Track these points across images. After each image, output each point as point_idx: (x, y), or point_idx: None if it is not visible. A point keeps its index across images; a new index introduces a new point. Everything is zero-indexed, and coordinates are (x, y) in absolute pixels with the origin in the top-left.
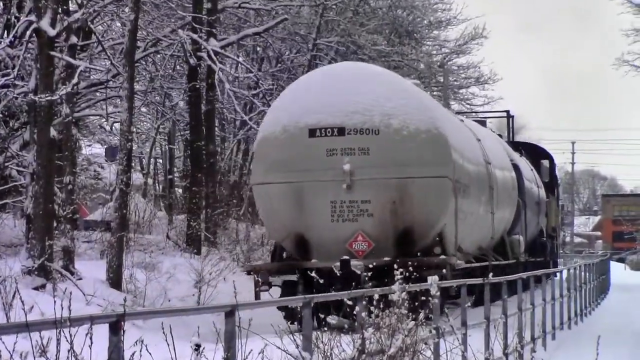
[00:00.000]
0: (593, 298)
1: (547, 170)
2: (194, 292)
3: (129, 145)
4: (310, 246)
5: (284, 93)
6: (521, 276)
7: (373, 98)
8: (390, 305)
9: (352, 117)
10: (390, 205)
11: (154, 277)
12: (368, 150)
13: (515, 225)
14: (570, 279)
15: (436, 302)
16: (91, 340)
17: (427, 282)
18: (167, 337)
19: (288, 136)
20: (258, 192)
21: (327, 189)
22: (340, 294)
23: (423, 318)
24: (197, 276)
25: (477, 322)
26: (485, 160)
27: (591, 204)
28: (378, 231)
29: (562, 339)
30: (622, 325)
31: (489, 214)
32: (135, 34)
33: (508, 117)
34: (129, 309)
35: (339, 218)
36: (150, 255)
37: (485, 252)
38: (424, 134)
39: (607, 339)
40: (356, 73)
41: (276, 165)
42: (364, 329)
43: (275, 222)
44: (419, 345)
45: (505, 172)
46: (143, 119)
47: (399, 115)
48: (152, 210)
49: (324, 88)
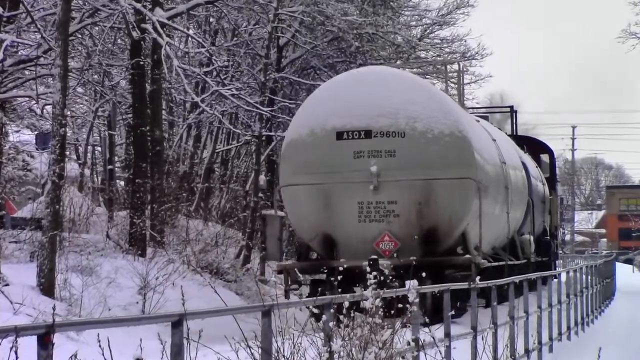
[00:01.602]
0: (596, 305)
1: (547, 166)
2: (137, 299)
3: (63, 131)
4: (338, 246)
5: (309, 98)
6: (514, 280)
7: (398, 102)
8: (386, 311)
9: (378, 120)
10: (416, 206)
11: (91, 283)
12: (394, 153)
13: (524, 225)
14: (570, 283)
15: (415, 310)
16: (16, 355)
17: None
18: (105, 352)
19: (315, 139)
20: (286, 194)
21: (354, 190)
22: (304, 300)
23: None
24: (141, 281)
25: (464, 332)
26: (500, 160)
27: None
28: (404, 231)
29: (561, 351)
30: (628, 336)
31: (504, 213)
32: (70, 3)
33: (512, 112)
34: (61, 318)
35: (366, 218)
36: (87, 257)
37: (498, 251)
38: (448, 137)
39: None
40: (382, 77)
41: (304, 167)
42: (331, 341)
43: (303, 223)
44: (395, 359)
45: (517, 172)
46: (79, 101)
47: (424, 118)
48: (90, 205)
49: (350, 92)
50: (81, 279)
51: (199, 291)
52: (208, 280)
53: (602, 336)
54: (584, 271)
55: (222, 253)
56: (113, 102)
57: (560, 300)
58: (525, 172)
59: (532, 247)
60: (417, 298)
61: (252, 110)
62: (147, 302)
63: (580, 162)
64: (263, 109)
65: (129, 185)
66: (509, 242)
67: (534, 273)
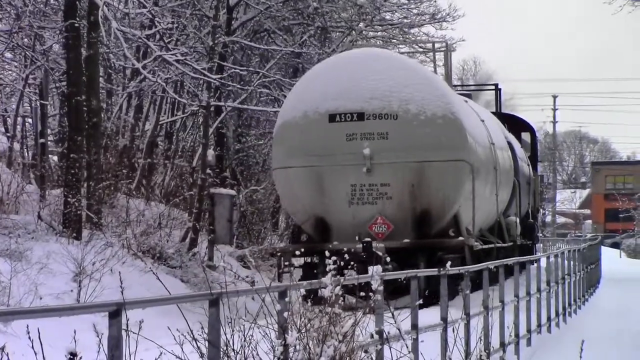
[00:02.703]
0: (579, 293)
1: (529, 145)
2: (72, 287)
3: None
4: (331, 229)
5: (302, 80)
6: (488, 265)
7: (391, 84)
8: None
9: (371, 102)
10: (409, 188)
11: (21, 269)
12: (387, 135)
13: (510, 206)
14: (551, 270)
15: (379, 298)
16: None
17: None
18: (35, 344)
19: (308, 121)
20: (279, 176)
21: (347, 173)
22: (256, 288)
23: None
24: (76, 267)
25: (433, 324)
26: (489, 141)
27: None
28: (397, 214)
29: (540, 344)
30: (614, 328)
31: (493, 195)
32: None
33: (496, 89)
34: None
35: (359, 201)
36: (16, 240)
37: (485, 234)
38: (441, 119)
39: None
40: (374, 59)
41: (297, 150)
42: (286, 333)
43: (296, 205)
44: (357, 353)
45: (504, 152)
46: (7, 67)
47: (417, 100)
48: (20, 183)
49: (343, 74)
50: (10, 265)
51: (140, 278)
52: (150, 266)
53: (586, 328)
54: (566, 256)
55: (165, 236)
56: (45, 68)
57: (539, 288)
58: (512, 153)
59: (519, 229)
60: (381, 285)
61: (199, 78)
62: (82, 290)
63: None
64: (211, 76)
65: (63, 160)
66: (495, 224)
67: (511, 258)
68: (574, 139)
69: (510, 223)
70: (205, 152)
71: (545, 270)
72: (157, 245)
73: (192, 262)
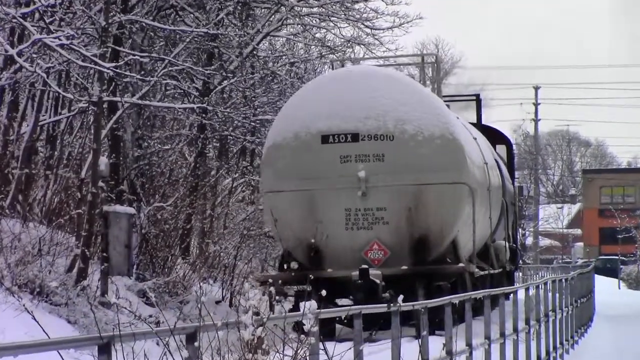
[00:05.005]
0: (567, 334)
1: (504, 160)
2: None
3: None
4: (324, 255)
5: (293, 98)
6: (451, 300)
7: (387, 103)
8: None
9: (366, 122)
10: (406, 212)
11: None
12: (383, 157)
13: (497, 229)
14: (531, 304)
15: (312, 341)
16: None
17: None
18: None
19: (300, 143)
20: (268, 200)
21: (341, 197)
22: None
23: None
24: None
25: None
26: (483, 161)
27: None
28: (393, 239)
29: None
30: None
31: (487, 218)
32: None
33: (477, 100)
34: None
35: (354, 226)
36: None
37: (472, 259)
38: (439, 140)
39: None
40: (369, 76)
41: (287, 173)
42: None
43: (286, 231)
44: None
45: (494, 172)
46: None
47: (413, 120)
48: None
49: (335, 93)
50: None
51: (16, 319)
52: (27, 303)
53: None
54: (549, 287)
55: (47, 266)
56: None
57: (516, 328)
58: (499, 172)
59: (508, 254)
60: (315, 326)
61: (89, 67)
62: None
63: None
64: (104, 65)
65: None
66: (481, 250)
67: (480, 291)
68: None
69: (499, 248)
70: (96, 160)
71: (525, 306)
72: (37, 277)
73: (80, 298)
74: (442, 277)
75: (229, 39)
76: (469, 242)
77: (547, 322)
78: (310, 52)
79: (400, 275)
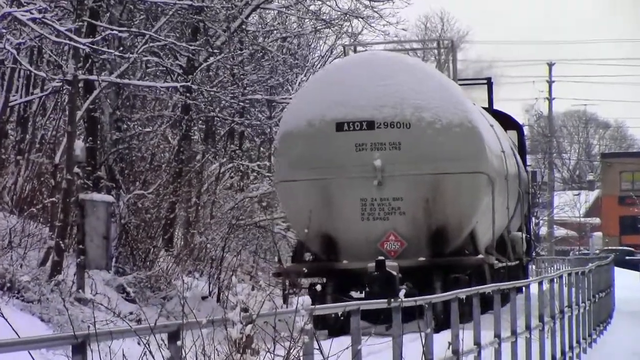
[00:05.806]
0: (584, 332)
1: (516, 145)
2: None
3: None
4: (339, 246)
5: (307, 85)
6: (457, 294)
7: (404, 90)
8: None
9: (382, 110)
10: (423, 203)
11: None
12: (399, 145)
13: (513, 220)
14: (545, 300)
15: (306, 340)
16: None
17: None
18: None
19: (314, 131)
20: (282, 190)
21: (356, 186)
22: (137, 328)
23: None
24: None
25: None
26: (500, 149)
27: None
28: (410, 230)
29: None
30: None
31: (505, 209)
32: None
33: (489, 83)
34: None
35: (370, 216)
36: None
37: (491, 251)
38: (458, 128)
39: None
40: (385, 62)
41: (302, 162)
42: None
43: (300, 221)
44: None
45: (511, 160)
46: None
47: (431, 108)
48: None
49: (350, 79)
50: None
51: None
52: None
53: None
54: (565, 281)
55: (19, 259)
56: None
57: (529, 325)
58: (515, 160)
59: (525, 245)
60: (309, 323)
61: (64, 43)
62: None
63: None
64: (79, 40)
65: None
66: (498, 241)
67: (489, 285)
68: (577, 121)
69: (516, 239)
70: (71, 144)
71: (538, 301)
72: (7, 271)
73: (54, 294)
74: (460, 269)
75: (215, 11)
76: (488, 233)
77: (563, 319)
78: (304, 26)
79: (417, 267)
